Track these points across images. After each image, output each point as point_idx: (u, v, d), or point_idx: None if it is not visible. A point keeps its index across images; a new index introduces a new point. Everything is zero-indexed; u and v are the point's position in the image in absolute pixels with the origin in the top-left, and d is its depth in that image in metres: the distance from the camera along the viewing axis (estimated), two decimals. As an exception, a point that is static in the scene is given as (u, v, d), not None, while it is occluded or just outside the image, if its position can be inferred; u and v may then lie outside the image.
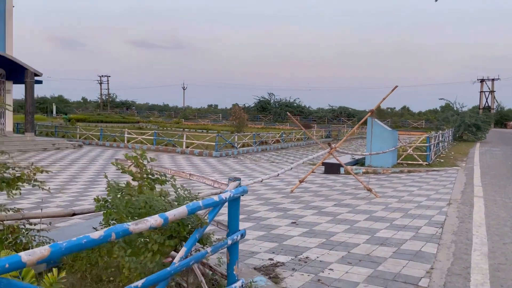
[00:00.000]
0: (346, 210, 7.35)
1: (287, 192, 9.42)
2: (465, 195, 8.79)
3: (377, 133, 13.48)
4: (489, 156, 18.72)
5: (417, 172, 12.91)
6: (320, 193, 9.33)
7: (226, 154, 20.23)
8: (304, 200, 8.37)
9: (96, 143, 24.11)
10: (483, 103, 79.82)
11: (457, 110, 34.16)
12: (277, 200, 8.47)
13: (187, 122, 61.06)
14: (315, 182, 11.12)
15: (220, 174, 13.09)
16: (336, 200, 8.40)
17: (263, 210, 7.41)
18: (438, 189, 9.66)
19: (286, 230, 5.99)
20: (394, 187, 10.06)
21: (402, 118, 72.66)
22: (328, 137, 37.16)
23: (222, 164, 16.46)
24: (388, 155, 13.19)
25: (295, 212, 7.27)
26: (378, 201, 8.27)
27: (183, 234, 2.54)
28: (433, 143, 15.71)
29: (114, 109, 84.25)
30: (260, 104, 78.88)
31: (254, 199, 8.54)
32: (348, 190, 9.67)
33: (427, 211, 7.23)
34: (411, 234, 5.70)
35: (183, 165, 15.76)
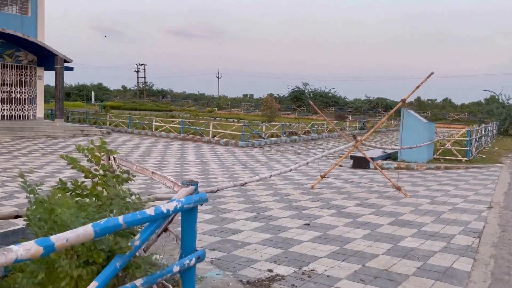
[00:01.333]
0: (369, 211, 6.55)
1: (307, 188, 8.69)
2: (509, 197, 7.76)
3: (411, 126, 12.43)
4: (538, 153, 17.13)
5: (455, 169, 11.80)
6: (344, 190, 8.54)
7: (253, 144, 19.61)
8: (324, 198, 7.62)
9: (125, 130, 24.10)
10: (532, 96, 75.07)
11: (502, 102, 31.92)
12: (294, 196, 7.76)
13: (220, 111, 60.97)
14: (340, 177, 10.31)
15: (241, 166, 12.50)
16: (360, 198, 7.59)
17: (277, 208, 6.73)
18: (477, 189, 8.64)
19: (296, 234, 5.29)
20: (428, 185, 9.11)
21: (443, 110, 69.50)
22: (363, 128, 35.78)
23: (246, 155, 15.87)
24: (423, 149, 12.15)
25: (311, 211, 6.55)
26: (407, 201, 7.41)
27: (99, 262, 1.91)
28: (475, 137, 14.43)
29: (150, 97, 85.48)
30: (294, 94, 77.64)
31: (270, 195, 7.88)
32: (375, 187, 8.82)
33: (463, 215, 6.32)
34: (442, 244, 4.87)
35: (205, 155, 15.28)
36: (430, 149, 12.82)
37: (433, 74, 7.76)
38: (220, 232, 5.33)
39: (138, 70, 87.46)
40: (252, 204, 7.01)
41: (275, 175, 5.94)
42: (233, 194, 7.91)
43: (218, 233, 5.32)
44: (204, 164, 12.71)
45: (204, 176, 10.32)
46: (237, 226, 5.62)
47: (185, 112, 53.06)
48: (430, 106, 76.80)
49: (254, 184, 9.09)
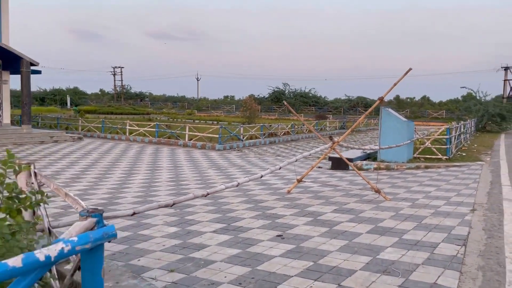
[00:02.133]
0: (347, 218, 6.11)
1: (283, 193, 8.22)
2: (492, 198, 7.44)
3: (390, 125, 12.11)
4: (517, 149, 17.10)
5: (435, 168, 11.52)
6: (321, 194, 8.09)
7: (231, 147, 19.09)
8: (300, 204, 7.16)
9: (98, 135, 23.27)
10: (507, 92, 76.46)
11: (480, 99, 32.20)
12: (269, 203, 7.27)
13: (200, 114, 60.26)
14: (318, 180, 9.87)
15: (216, 170, 11.96)
16: (338, 203, 7.15)
17: (248, 217, 6.23)
18: (459, 189, 8.32)
19: (267, 248, 4.79)
20: (408, 186, 8.75)
21: (422, 108, 70.25)
22: (343, 128, 35.66)
23: (223, 159, 15.33)
24: (403, 149, 11.83)
25: (285, 220, 6.07)
26: (387, 205, 7.00)
27: None
28: (454, 135, 14.22)
29: (128, 100, 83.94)
30: (275, 95, 77.41)
31: (243, 202, 7.37)
32: (354, 190, 8.41)
33: (446, 220, 5.94)
34: (425, 255, 4.44)
35: (180, 159, 14.68)
36: (410, 148, 12.53)
37: (412, 72, 7.40)
38: (182, 249, 4.80)
39: (114, 73, 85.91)
40: (223, 214, 6.49)
41: (242, 183, 5.44)
42: (203, 202, 7.37)
43: (180, 249, 4.78)
44: (177, 169, 12.12)
45: (175, 182, 9.75)
46: (202, 241, 5.10)
47: (163, 115, 52.14)
48: (409, 104, 77.59)
49: (228, 191, 8.58)
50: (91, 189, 8.82)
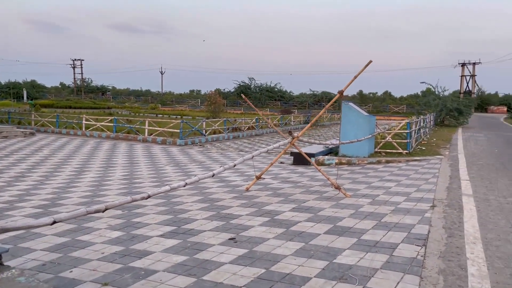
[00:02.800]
0: (305, 217, 5.80)
1: (241, 191, 7.84)
2: (452, 193, 7.35)
3: (352, 119, 11.97)
4: (473, 143, 17.49)
5: (396, 162, 11.47)
6: (281, 191, 7.78)
7: (192, 142, 18.54)
8: (258, 202, 6.81)
9: (52, 130, 22.09)
10: (464, 88, 79.44)
11: (438, 94, 33.00)
12: (225, 202, 6.88)
13: (164, 108, 58.97)
14: (279, 176, 9.57)
15: (174, 167, 11.44)
16: (297, 201, 6.85)
17: (201, 219, 5.82)
18: (419, 184, 8.22)
19: (217, 253, 4.41)
20: (369, 182, 8.58)
21: (384, 103, 71.75)
22: (307, 122, 35.70)
23: (183, 154, 14.79)
24: (364, 143, 11.73)
25: (240, 220, 5.70)
26: (347, 202, 6.76)
27: None
28: (414, 129, 14.30)
29: (88, 94, 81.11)
30: (240, 89, 76.85)
31: (198, 201, 6.94)
32: (315, 187, 8.15)
33: (406, 217, 5.74)
34: (384, 258, 4.18)
35: (137, 155, 14.03)
36: (371, 142, 12.46)
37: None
38: (123, 257, 4.33)
39: (74, 65, 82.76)
40: (174, 215, 6.04)
41: (191, 182, 5.01)
42: (155, 202, 6.90)
43: (121, 257, 4.31)
44: (133, 166, 11.51)
45: (128, 180, 9.18)
46: (147, 247, 4.64)
47: (125, 109, 50.63)
48: (371, 99, 79.16)
49: (183, 189, 8.13)
50: (35, 188, 8.14)
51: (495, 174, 9.41)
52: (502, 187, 7.99)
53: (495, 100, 78.78)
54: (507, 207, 6.34)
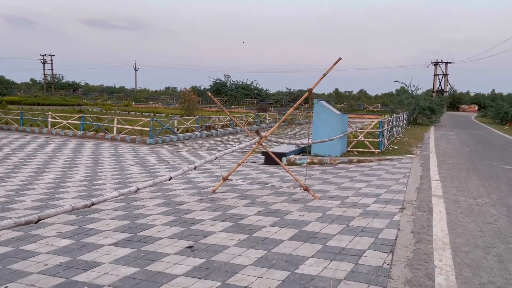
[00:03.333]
0: (270, 222, 5.53)
1: (207, 193, 7.51)
2: (422, 194, 7.22)
3: (324, 118, 11.79)
4: (445, 142, 17.65)
5: (368, 162, 11.36)
6: (248, 193, 7.48)
7: (163, 141, 18.05)
8: (223, 206, 6.49)
9: (16, 128, 21.16)
10: (436, 86, 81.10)
11: (411, 93, 33.42)
12: (188, 205, 6.54)
13: (137, 105, 57.83)
14: (248, 177, 9.28)
15: (140, 167, 10.99)
16: (264, 204, 6.57)
17: (160, 224, 5.46)
18: (390, 185, 8.07)
19: (172, 264, 4.07)
20: (339, 183, 8.38)
21: (359, 101, 72.48)
22: (283, 121, 35.55)
23: (152, 153, 14.33)
24: (336, 142, 11.56)
25: (202, 226, 5.37)
26: (315, 204, 6.53)
27: None
28: (386, 128, 14.26)
29: (59, 91, 78.83)
30: (216, 87, 76.23)
31: (160, 205, 6.57)
32: (284, 188, 7.89)
33: (374, 221, 5.54)
34: (349, 266, 3.94)
35: (103, 154, 13.48)
36: (344, 141, 12.31)
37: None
38: (67, 269, 3.95)
39: (44, 61, 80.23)
40: (131, 220, 5.67)
41: (143, 187, 4.65)
42: (114, 206, 6.49)
43: (65, 270, 3.93)
44: (97, 166, 11.00)
45: (89, 182, 8.71)
46: (96, 257, 4.27)
47: (97, 106, 49.44)
48: (347, 98, 79.85)
49: (146, 191, 7.74)
50: (-15, 191, 7.59)
51: (466, 174, 9.38)
52: (472, 187, 7.93)
53: (467, 99, 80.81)
54: (476, 209, 6.23)
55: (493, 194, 7.29)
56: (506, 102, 39.34)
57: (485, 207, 6.35)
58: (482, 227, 5.27)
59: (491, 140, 19.78)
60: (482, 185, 8.16)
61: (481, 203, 6.60)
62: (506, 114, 35.42)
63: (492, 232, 5.05)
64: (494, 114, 37.97)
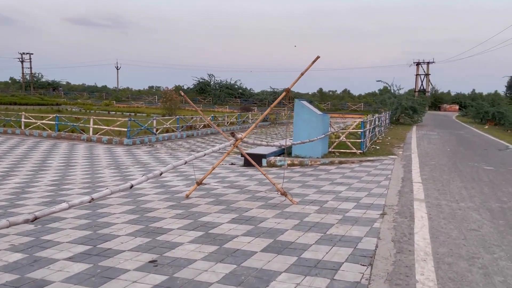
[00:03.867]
0: (243, 231, 5.17)
1: (181, 198, 7.12)
2: (403, 198, 6.96)
3: (304, 118, 11.49)
4: (427, 142, 17.56)
5: (349, 163, 11.10)
6: (224, 198, 7.12)
7: (141, 141, 17.54)
8: (196, 212, 6.11)
9: (-12, 129, 20.36)
10: (418, 86, 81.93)
11: (394, 92, 33.48)
12: (159, 212, 6.14)
13: (119, 104, 56.83)
14: (226, 180, 8.91)
15: (113, 170, 10.52)
16: (239, 210, 6.22)
17: (124, 235, 5.06)
18: (371, 188, 7.80)
19: (129, 283, 3.68)
20: (319, 186, 8.08)
21: (342, 101, 72.67)
22: (266, 120, 35.31)
23: (128, 155, 13.84)
24: (317, 143, 11.28)
25: (169, 236, 4.99)
26: (293, 210, 6.20)
27: None
28: (368, 128, 14.05)
29: (38, 90, 77.04)
30: (200, 86, 75.58)
31: (128, 212, 6.16)
32: (262, 192, 7.55)
33: (353, 228, 5.24)
34: (324, 283, 3.62)
35: (77, 156, 12.94)
36: (325, 142, 12.04)
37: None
38: (10, 291, 3.52)
39: (22, 59, 78.26)
40: (94, 230, 5.25)
41: (98, 197, 4.25)
42: (78, 214, 6.06)
43: (8, 291, 3.51)
44: (67, 169, 10.49)
45: (56, 186, 8.22)
46: (47, 275, 3.85)
47: (77, 106, 48.37)
48: (331, 97, 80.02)
49: (115, 197, 7.32)
50: None
51: (448, 176, 9.18)
52: (454, 190, 7.71)
53: (448, 98, 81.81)
54: (459, 214, 5.99)
55: (476, 197, 7.08)
56: (486, 101, 39.78)
57: (468, 211, 6.11)
58: (465, 234, 5.01)
59: (472, 139, 19.81)
60: (464, 187, 7.96)
61: (464, 207, 6.36)
62: (486, 114, 35.79)
63: (476, 240, 4.79)
64: (475, 114, 38.36)
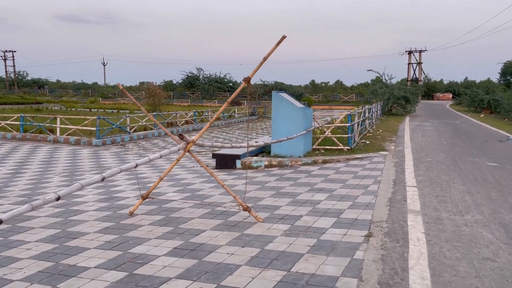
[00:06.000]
0: (180, 269, 3.86)
1: (121, 216, 5.79)
2: (395, 210, 5.67)
3: (283, 112, 10.17)
4: (421, 134, 16.31)
5: (334, 162, 9.80)
6: (176, 214, 5.80)
7: (113, 141, 16.15)
8: (130, 239, 4.78)
9: (-51, 132, 18.84)
10: (411, 75, 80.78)
11: (385, 82, 32.20)
12: (84, 239, 4.80)
13: (105, 101, 55.24)
14: (187, 189, 7.59)
15: (65, 178, 9.15)
16: (187, 234, 4.90)
17: (19, 280, 3.73)
18: (356, 195, 6.50)
19: None
20: (295, 194, 6.77)
21: (335, 92, 71.38)
22: (253, 114, 33.95)
23: (93, 157, 12.47)
24: (298, 140, 9.97)
25: (78, 281, 3.66)
26: (255, 231, 4.89)
27: None
28: (357, 121, 12.76)
29: (23, 88, 75.00)
30: (188, 80, 73.97)
31: (44, 240, 4.82)
32: (226, 203, 6.22)
33: (328, 261, 3.94)
34: None
35: (33, 160, 11.53)
36: (308, 139, 10.73)
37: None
38: None
39: (5, 57, 76.08)
40: (-18, 273, 3.91)
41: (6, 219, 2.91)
42: (-21, 244, 4.70)
43: None
44: (13, 176, 9.11)
45: None
46: None
47: (61, 103, 46.74)
48: (323, 89, 78.63)
49: (48, 206, 6.00)
50: None
51: (447, 176, 7.90)
52: (456, 195, 6.43)
53: (441, 87, 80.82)
54: (465, 232, 4.70)
55: (484, 206, 5.80)
56: (480, 89, 38.64)
57: (477, 228, 4.84)
58: (478, 267, 3.73)
59: (469, 130, 18.60)
60: (468, 191, 6.69)
61: (471, 222, 5.09)
62: (481, 102, 34.68)
63: (494, 279, 3.51)
64: (469, 102, 37.24)
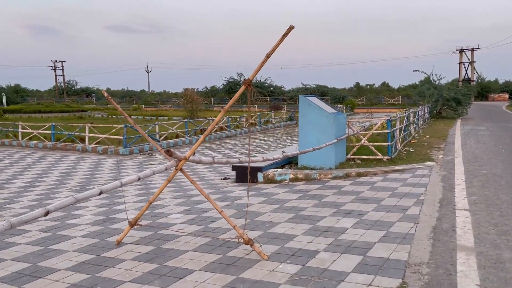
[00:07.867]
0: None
1: (109, 245, 4.95)
2: (439, 246, 4.42)
3: (312, 119, 9.05)
4: (474, 140, 14.54)
5: (370, 175, 8.54)
6: (167, 245, 4.87)
7: (140, 150, 15.65)
8: (101, 283, 3.89)
9: (-14, 141, 19.19)
10: (462, 75, 76.23)
11: (434, 83, 29.96)
12: (55, 276, 3.98)
13: (147, 108, 56.09)
14: (194, 209, 6.66)
15: (74, 191, 8.53)
16: (172, 276, 3.95)
17: None
18: (391, 222, 5.29)
19: None
20: (316, 219, 5.65)
21: (380, 94, 68.64)
22: (291, 119, 32.81)
23: (113, 168, 11.91)
24: (329, 150, 8.82)
25: None
26: (255, 276, 3.85)
27: None
28: (398, 127, 11.36)
29: (71, 96, 78.07)
30: (229, 86, 73.95)
31: (10, 278, 4.04)
32: (230, 232, 5.23)
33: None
34: None
35: (53, 172, 11.09)
36: (340, 148, 9.52)
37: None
38: None
39: (55, 68, 79.55)
40: None
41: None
42: None
43: None
44: (24, 190, 8.62)
45: None
46: None
47: (105, 111, 47.75)
48: (368, 91, 75.91)
49: (36, 230, 5.27)
50: None
51: (507, 196, 6.47)
52: (521, 223, 5.06)
53: (496, 87, 75.64)
54: (539, 286, 3.41)
55: (561, 241, 4.42)
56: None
57: (556, 279, 3.53)
58: None
59: (530, 134, 16.51)
60: (536, 218, 5.28)
61: (546, 267, 3.77)
62: (543, 102, 31.53)
63: None
64: (529, 103, 34.04)
